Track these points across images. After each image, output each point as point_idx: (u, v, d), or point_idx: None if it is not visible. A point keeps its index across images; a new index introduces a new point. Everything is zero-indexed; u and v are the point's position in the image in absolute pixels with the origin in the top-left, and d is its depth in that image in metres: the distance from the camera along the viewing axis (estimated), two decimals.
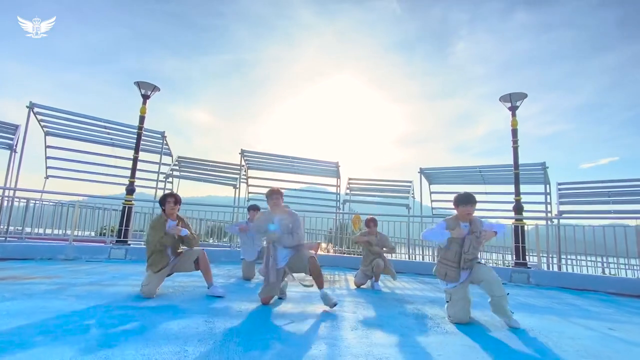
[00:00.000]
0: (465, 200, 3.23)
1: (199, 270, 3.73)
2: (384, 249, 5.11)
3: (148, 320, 2.60)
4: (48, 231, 9.01)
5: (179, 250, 3.84)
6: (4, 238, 8.00)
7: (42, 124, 9.40)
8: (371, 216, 5.36)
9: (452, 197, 10.33)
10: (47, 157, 10.27)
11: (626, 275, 7.35)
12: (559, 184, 9.21)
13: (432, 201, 11.47)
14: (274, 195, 3.58)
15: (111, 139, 10.17)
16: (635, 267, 7.15)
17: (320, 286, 3.35)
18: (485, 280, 3.05)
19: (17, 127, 9.11)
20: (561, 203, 8.49)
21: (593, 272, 8.09)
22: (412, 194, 11.66)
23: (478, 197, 9.79)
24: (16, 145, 8.40)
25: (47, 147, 10.01)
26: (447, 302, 3.21)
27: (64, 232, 9.41)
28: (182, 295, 3.65)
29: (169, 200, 3.77)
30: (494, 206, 10.08)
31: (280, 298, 3.68)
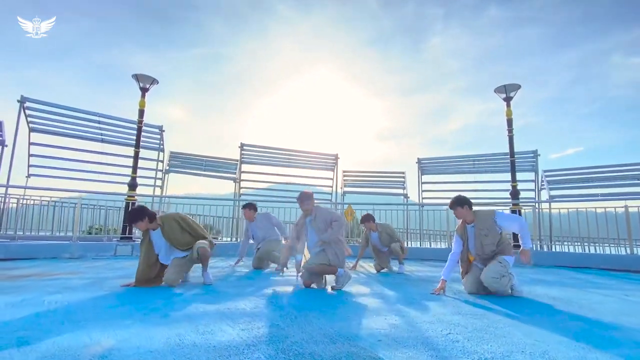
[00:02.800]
0: (451, 206, 3.56)
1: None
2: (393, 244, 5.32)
3: (221, 303, 2.65)
4: (33, 231, 8.70)
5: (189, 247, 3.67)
6: None
7: (29, 119, 9.01)
8: (366, 213, 5.66)
9: (442, 187, 10.59)
10: (30, 155, 9.84)
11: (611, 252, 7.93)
12: (545, 171, 9.72)
13: (422, 191, 11.82)
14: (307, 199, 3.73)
15: (101, 134, 9.86)
16: (620, 245, 7.71)
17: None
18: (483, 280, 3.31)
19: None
20: (551, 189, 8.98)
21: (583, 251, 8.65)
22: (404, 181, 12.00)
23: (470, 186, 10.10)
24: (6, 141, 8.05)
25: (30, 144, 9.61)
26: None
27: (53, 232, 9.10)
28: (220, 282, 3.70)
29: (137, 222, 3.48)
30: (487, 194, 10.53)
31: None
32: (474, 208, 3.55)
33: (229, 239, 9.94)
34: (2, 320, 2.06)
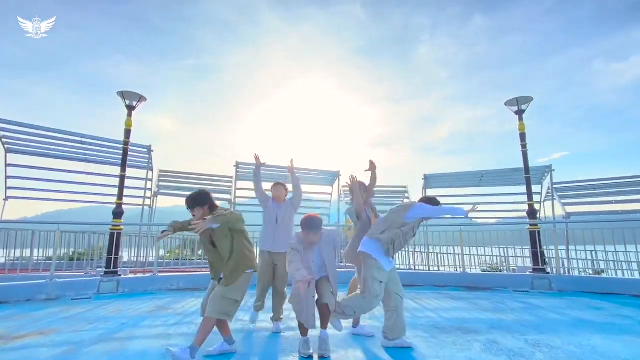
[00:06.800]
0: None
1: None
2: None
3: None
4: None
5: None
6: None
7: (4, 140, 8.31)
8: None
9: (448, 200, 9.95)
10: (7, 177, 9.10)
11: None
12: (555, 183, 9.32)
13: None
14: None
15: (85, 154, 9.19)
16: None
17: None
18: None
19: None
20: (565, 204, 8.56)
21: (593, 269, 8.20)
22: (408, 197, 11.54)
23: (476, 199, 9.58)
24: None
25: (7, 165, 8.89)
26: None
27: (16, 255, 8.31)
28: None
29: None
30: (496, 207, 10.10)
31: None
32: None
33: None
34: None
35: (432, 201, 3.32)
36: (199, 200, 2.87)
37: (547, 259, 7.66)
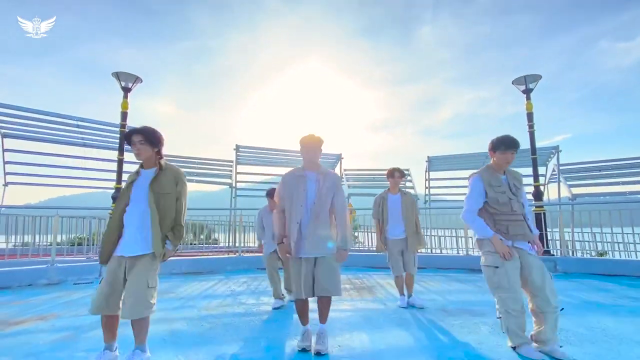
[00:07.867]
0: (508, 144, 2.47)
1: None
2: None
3: None
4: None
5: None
6: None
7: (0, 124, 8.16)
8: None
9: (450, 182, 9.84)
10: (5, 162, 9.01)
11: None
12: (561, 165, 9.17)
13: (430, 187, 11.24)
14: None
15: (82, 138, 9.05)
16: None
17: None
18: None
19: None
20: (571, 186, 8.43)
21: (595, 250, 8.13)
22: (411, 180, 11.42)
23: None
24: None
25: (4, 150, 8.79)
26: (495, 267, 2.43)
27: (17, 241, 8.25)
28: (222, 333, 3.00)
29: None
30: None
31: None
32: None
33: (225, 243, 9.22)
34: None
35: (499, 142, 2.49)
36: (154, 137, 2.23)
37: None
